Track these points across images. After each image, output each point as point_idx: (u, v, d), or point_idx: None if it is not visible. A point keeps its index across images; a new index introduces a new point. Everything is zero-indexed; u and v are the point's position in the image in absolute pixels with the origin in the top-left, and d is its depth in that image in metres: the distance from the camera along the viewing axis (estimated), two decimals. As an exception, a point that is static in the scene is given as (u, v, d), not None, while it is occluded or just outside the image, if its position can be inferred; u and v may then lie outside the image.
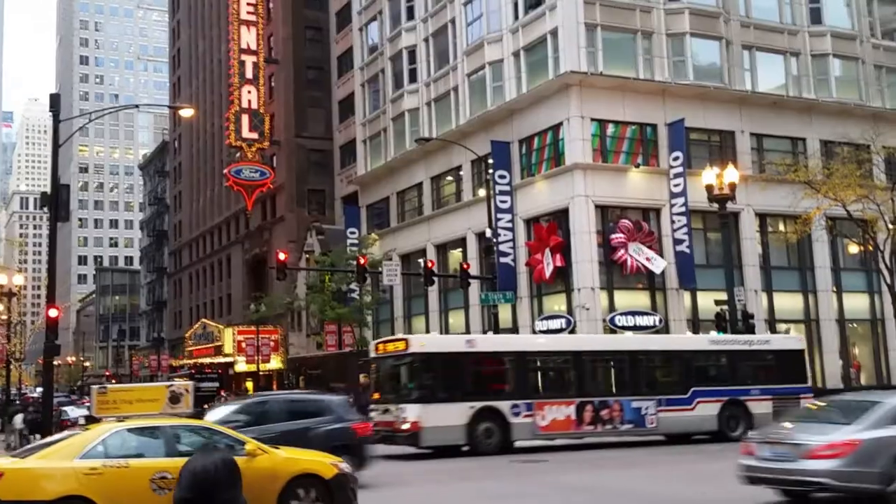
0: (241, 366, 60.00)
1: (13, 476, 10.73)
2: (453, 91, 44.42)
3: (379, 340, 24.95)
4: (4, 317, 58.59)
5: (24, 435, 25.90)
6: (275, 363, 58.40)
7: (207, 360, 66.31)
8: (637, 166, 36.94)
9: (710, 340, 27.37)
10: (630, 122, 37.37)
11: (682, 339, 30.49)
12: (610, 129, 37.24)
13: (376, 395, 24.27)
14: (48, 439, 12.61)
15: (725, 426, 24.16)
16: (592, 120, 36.59)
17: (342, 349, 48.78)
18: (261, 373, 58.70)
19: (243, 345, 58.97)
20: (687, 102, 37.64)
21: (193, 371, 64.84)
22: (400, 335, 26.16)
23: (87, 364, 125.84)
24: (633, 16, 37.83)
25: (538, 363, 24.82)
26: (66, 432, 11.99)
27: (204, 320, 74.05)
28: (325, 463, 12.25)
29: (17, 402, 48.19)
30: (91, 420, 11.93)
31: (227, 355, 62.90)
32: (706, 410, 24.13)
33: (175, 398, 12.16)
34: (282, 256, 36.84)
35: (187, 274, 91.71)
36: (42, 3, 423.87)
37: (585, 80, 36.32)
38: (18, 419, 26.56)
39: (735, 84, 39.39)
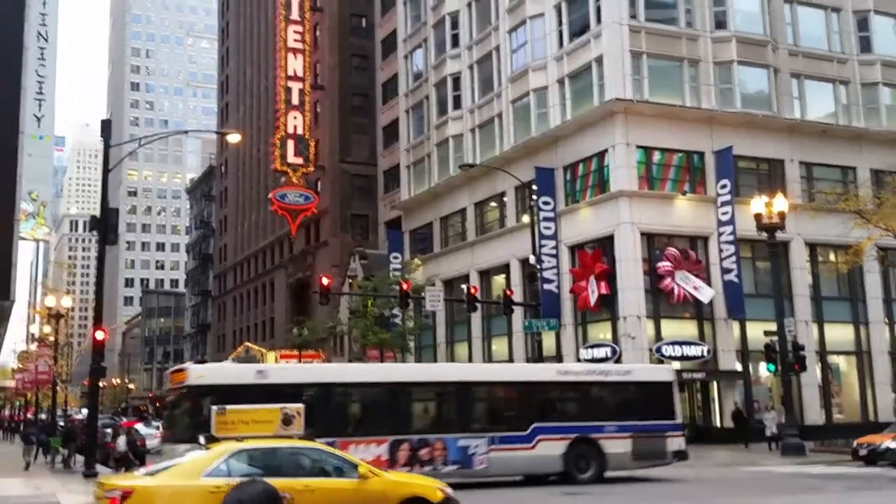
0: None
1: (143, 493, 11.05)
2: (497, 117, 44.45)
3: (172, 369, 21.84)
4: (52, 338, 59.34)
5: (125, 456, 26.06)
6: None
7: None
8: (684, 194, 36.56)
9: (557, 371, 24.44)
10: (676, 150, 37.05)
11: (523, 370, 27.79)
12: (656, 157, 36.94)
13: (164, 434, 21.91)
14: (169, 460, 12.89)
15: (573, 467, 21.13)
16: (638, 147, 36.35)
17: (384, 375, 48.48)
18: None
19: (288, 369, 58.88)
20: (734, 130, 37.22)
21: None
22: (183, 364, 22.65)
23: (131, 386, 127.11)
24: (680, 44, 37.59)
25: (346, 397, 21.40)
26: (189, 451, 12.37)
27: (247, 344, 74.46)
28: (432, 487, 12.44)
29: (63, 423, 48.54)
30: (211, 439, 12.14)
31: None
32: (549, 449, 20.96)
33: (287, 420, 12.45)
34: (325, 281, 36.85)
35: (231, 297, 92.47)
36: (94, 29, 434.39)
37: (631, 107, 36.10)
38: (122, 441, 26.89)
39: (783, 112, 38.87)
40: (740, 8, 38.65)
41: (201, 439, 12.18)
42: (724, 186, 36.05)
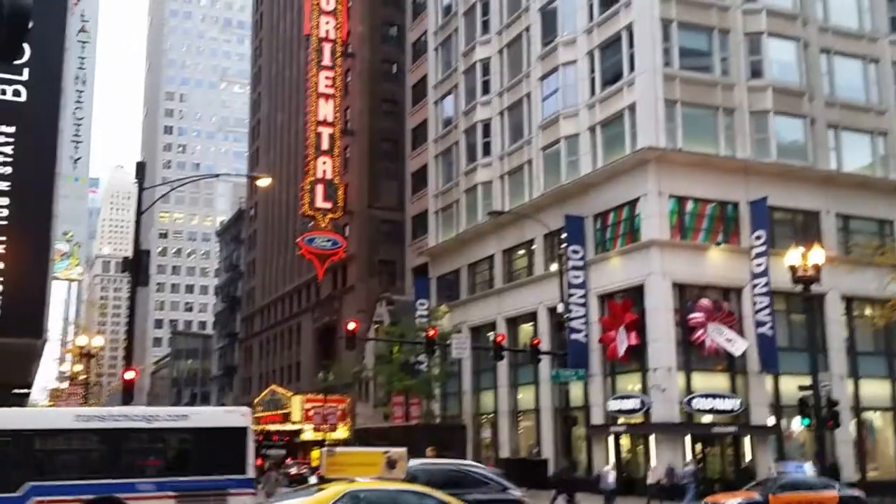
0: (308, 434, 59.71)
1: None
2: (527, 164, 44.27)
3: None
4: (83, 377, 59.56)
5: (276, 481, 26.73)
6: (341, 432, 57.92)
7: (275, 427, 66.29)
8: (718, 244, 36.03)
9: (75, 416, 20.31)
10: (710, 200, 36.54)
11: (17, 415, 21.70)
12: (689, 206, 36.43)
13: None
14: (288, 493, 13.84)
15: None
16: (670, 196, 35.89)
17: (409, 421, 48.12)
18: (327, 443, 58.25)
19: (311, 413, 58.78)
20: (770, 180, 36.71)
21: (261, 438, 64.78)
22: None
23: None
24: (715, 92, 37.34)
25: None
26: (302, 489, 13.51)
27: (273, 387, 74.30)
28: None
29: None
30: (323, 480, 13.13)
31: (294, 423, 62.77)
32: None
33: (391, 464, 13.24)
34: (351, 326, 36.75)
35: (258, 340, 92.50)
36: (129, 72, 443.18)
37: (664, 155, 35.76)
38: (273, 475, 27.42)
39: (820, 163, 38.38)
40: (777, 57, 38.37)
41: (313, 479, 13.05)
42: (758, 237, 35.49)
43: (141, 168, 29.79)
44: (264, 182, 54.39)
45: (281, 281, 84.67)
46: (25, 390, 45.61)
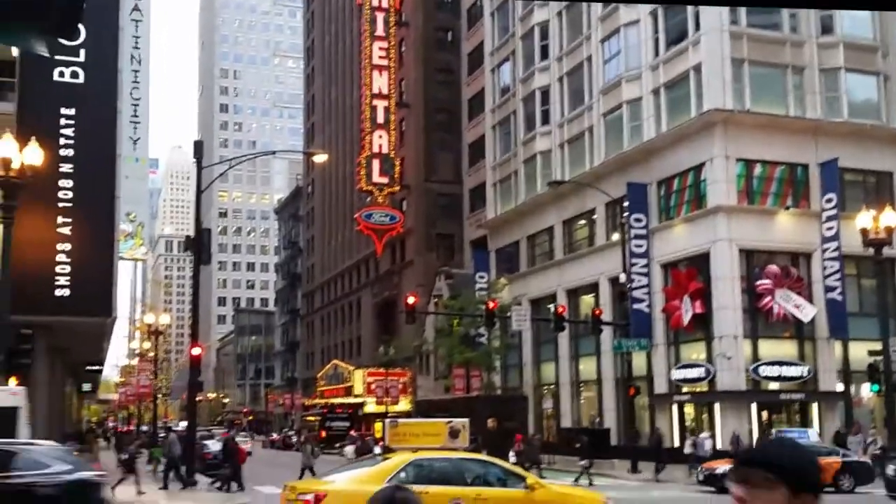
0: (371, 407, 60.15)
1: (335, 497, 12.05)
2: (588, 132, 43.60)
3: None
4: (152, 354, 60.84)
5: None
6: (403, 405, 58.18)
7: (338, 401, 67.00)
8: (787, 208, 35.16)
9: None
10: (779, 162, 35.71)
11: None
12: (757, 170, 35.60)
13: None
14: (354, 463, 14.10)
15: None
16: (738, 160, 35.14)
17: (470, 393, 48.09)
18: (389, 415, 58.64)
19: (373, 386, 59.19)
20: (841, 141, 35.54)
21: (325, 411, 65.54)
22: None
23: (226, 400, 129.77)
24: (784, 50, 36.14)
25: None
26: (368, 459, 13.93)
27: (335, 361, 75.04)
28: (597, 499, 13.23)
29: (163, 434, 49.73)
30: (387, 450, 13.30)
31: (357, 396, 63.30)
32: None
33: (454, 433, 13.42)
34: (411, 300, 36.75)
35: (319, 316, 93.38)
36: (185, 53, 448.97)
37: (731, 117, 34.88)
38: (350, 450, 28.05)
39: (893, 122, 37.01)
40: (848, 11, 36.91)
41: (377, 449, 13.01)
42: (829, 200, 34.47)
43: (199, 147, 29.93)
44: (320, 158, 54.48)
45: (340, 257, 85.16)
46: (98, 367, 46.82)
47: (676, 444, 34.50)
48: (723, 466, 25.71)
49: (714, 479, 25.24)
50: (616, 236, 38.58)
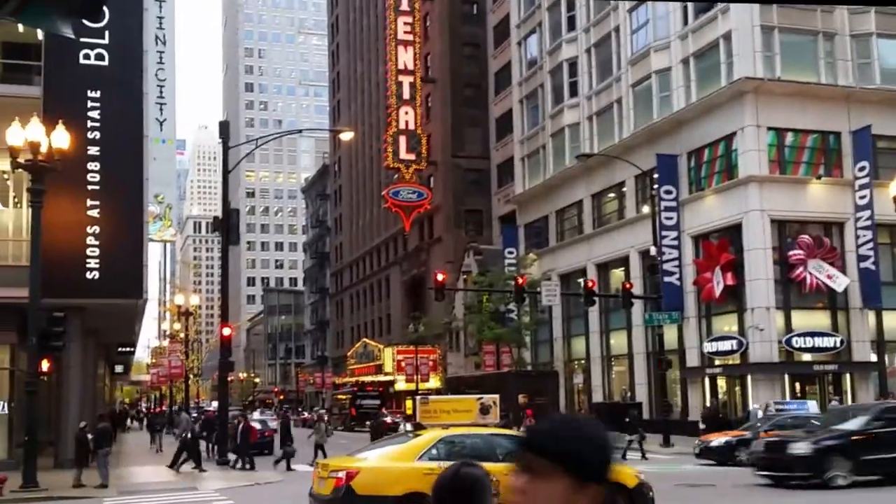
0: (401, 384, 60.38)
1: (368, 474, 12.12)
2: (616, 103, 43.13)
3: None
4: (182, 335, 61.41)
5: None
6: (433, 382, 58.36)
7: (369, 379, 67.27)
8: (819, 178, 34.66)
9: None
10: (811, 131, 35.19)
11: None
12: (788, 139, 35.09)
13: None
14: (381, 442, 14.12)
15: None
16: (769, 129, 34.69)
17: (500, 369, 48.10)
18: (419, 392, 58.84)
19: (402, 364, 59.34)
20: (874, 108, 34.93)
21: (356, 389, 65.87)
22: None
23: (257, 380, 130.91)
24: (814, 17, 35.43)
25: None
26: (398, 437, 13.82)
27: (365, 340, 75.33)
28: (629, 473, 12.90)
29: (195, 414, 50.38)
30: (418, 427, 13.33)
31: (387, 374, 63.53)
32: None
33: (485, 410, 13.42)
34: (440, 277, 36.64)
35: (348, 294, 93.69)
36: (209, 32, 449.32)
37: (761, 86, 34.36)
38: (322, 426, 28.42)
39: (927, 87, 36.17)
40: (880, -25, 36.10)
41: (408, 426, 13.47)
42: (862, 169, 33.93)
43: (224, 127, 29.91)
44: (347, 136, 54.49)
45: (368, 235, 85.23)
46: (130, 348, 47.32)
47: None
48: (718, 439, 25.73)
49: (710, 453, 25.12)
50: (646, 209, 38.22)
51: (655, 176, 37.25)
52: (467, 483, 3.24)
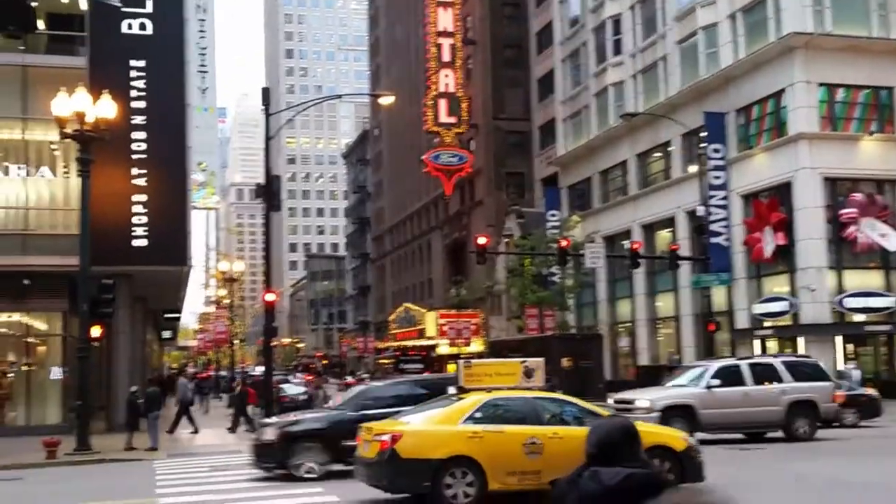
0: (444, 348, 60.47)
1: (410, 436, 12.11)
2: (662, 61, 42.31)
3: None
4: (227, 301, 62.04)
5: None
6: (476, 346, 58.35)
7: (411, 343, 67.51)
8: (871, 134, 33.85)
9: None
10: (862, 86, 34.27)
11: None
12: (840, 94, 34.20)
13: None
14: (428, 404, 13.97)
15: None
16: (820, 85, 33.82)
17: (543, 332, 47.86)
18: (462, 356, 58.96)
19: (445, 328, 59.25)
20: (928, 61, 33.77)
21: (398, 353, 66.16)
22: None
23: (300, 345, 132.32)
24: (867, -34, 34.24)
25: None
26: (442, 400, 13.47)
27: (406, 304, 75.50)
28: (677, 437, 12.96)
29: (239, 378, 50.90)
30: (461, 390, 13.25)
31: (429, 338, 63.68)
32: None
33: (529, 373, 13.28)
34: (481, 241, 36.40)
35: (389, 259, 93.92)
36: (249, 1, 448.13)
37: (811, 41, 33.41)
38: (320, 393, 28.85)
39: (984, 39, 34.90)
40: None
41: (452, 390, 13.30)
42: (916, 123, 32.88)
43: (266, 94, 29.84)
44: (387, 100, 53.70)
45: (409, 199, 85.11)
46: (176, 315, 47.99)
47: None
48: None
49: None
50: (693, 168, 37.61)
51: (703, 134, 36.64)
52: (629, 430, 3.60)
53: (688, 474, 12.43)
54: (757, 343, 35.94)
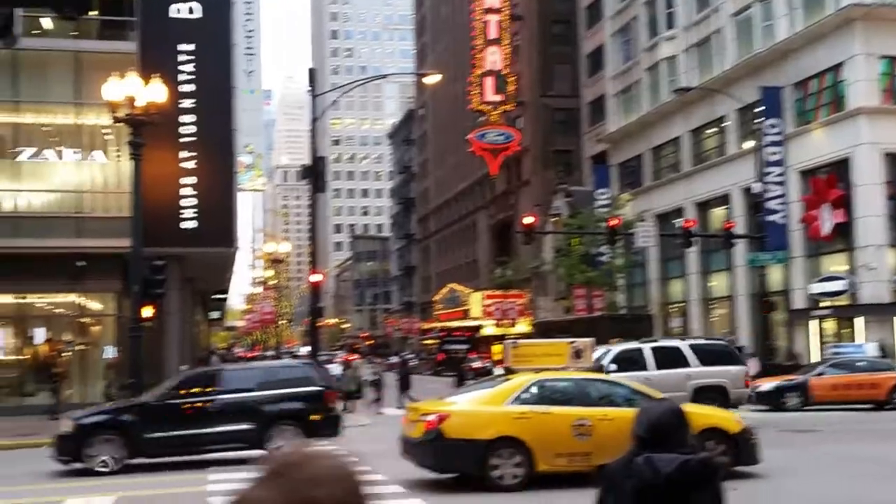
0: (489, 329, 60.22)
1: (458, 417, 12.06)
2: (716, 34, 41.47)
3: None
4: (274, 282, 62.57)
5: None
6: (522, 327, 58.03)
7: (456, 324, 67.37)
8: (935, 107, 32.55)
9: None
10: (926, 59, 33.00)
11: None
12: (901, 67, 32.98)
13: None
14: (476, 384, 14.01)
15: None
16: (880, 58, 32.88)
17: (592, 313, 47.38)
18: (507, 337, 58.67)
19: (490, 308, 59.02)
20: None
21: (443, 334, 66.08)
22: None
23: (345, 326, 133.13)
24: (931, -68, 32.93)
25: None
26: (486, 381, 13.62)
27: (451, 285, 75.29)
28: (731, 419, 12.80)
29: (283, 357, 51.36)
30: (509, 371, 13.22)
31: (474, 319, 63.46)
32: None
33: (578, 353, 13.22)
34: (528, 220, 36.03)
35: (434, 240, 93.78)
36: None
37: (871, 12, 32.39)
38: (349, 373, 29.09)
39: None
40: None
41: (499, 370, 13.55)
42: (983, 96, 31.68)
43: (312, 75, 29.89)
44: (433, 79, 53.38)
45: (454, 179, 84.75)
46: (223, 295, 48.39)
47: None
48: (769, 384, 24.84)
49: (761, 398, 24.16)
50: (748, 144, 36.82)
51: (758, 109, 35.76)
52: (679, 414, 3.58)
53: (742, 457, 12.25)
54: (814, 324, 35.13)
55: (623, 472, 3.45)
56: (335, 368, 33.81)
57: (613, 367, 19.41)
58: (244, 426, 15.22)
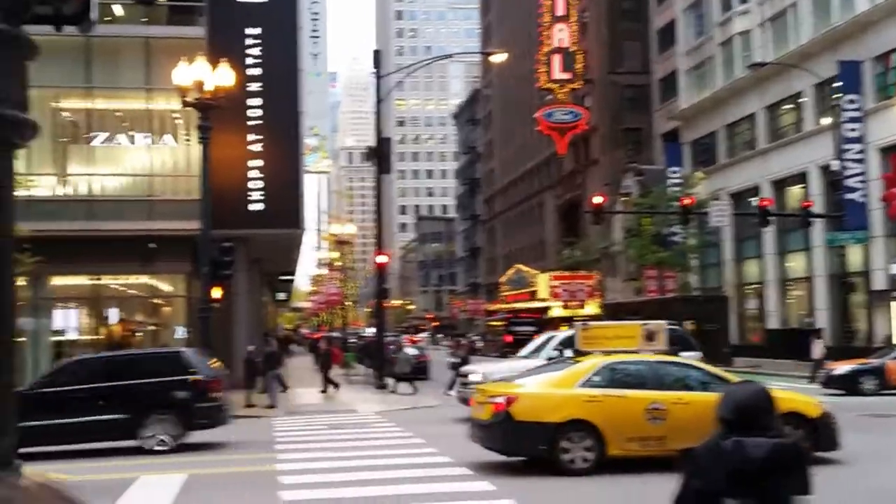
0: (556, 311, 59.61)
1: (526, 399, 11.92)
2: (791, 7, 40.12)
3: None
4: (339, 263, 62.88)
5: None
6: (590, 308, 57.29)
7: (522, 305, 66.88)
8: None
9: None
10: None
11: None
12: None
13: None
14: (544, 366, 13.86)
15: None
16: (968, 27, 31.02)
17: (664, 294, 46.42)
18: (576, 319, 58.03)
19: (558, 290, 58.34)
20: None
21: (510, 316, 65.70)
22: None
23: (410, 307, 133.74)
24: None
25: None
26: (557, 363, 13.30)
27: (518, 266, 74.81)
28: (811, 403, 12.44)
29: (354, 340, 51.63)
30: (578, 353, 13.08)
31: (541, 300, 62.90)
32: None
33: (650, 336, 12.93)
34: (597, 200, 35.45)
35: (500, 220, 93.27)
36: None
37: (960, -21, 30.64)
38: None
39: None
40: None
41: (568, 353, 13.18)
42: None
43: (377, 57, 29.88)
44: (499, 58, 52.77)
45: (520, 159, 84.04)
46: (290, 277, 48.84)
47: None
48: (843, 367, 24.43)
49: (834, 381, 23.94)
50: (826, 120, 35.59)
51: (837, 84, 34.39)
52: (767, 396, 3.49)
53: (822, 442, 11.89)
54: (895, 305, 33.86)
55: (710, 457, 3.36)
56: (410, 350, 33.87)
57: (557, 353, 19.01)
58: (117, 416, 14.83)
